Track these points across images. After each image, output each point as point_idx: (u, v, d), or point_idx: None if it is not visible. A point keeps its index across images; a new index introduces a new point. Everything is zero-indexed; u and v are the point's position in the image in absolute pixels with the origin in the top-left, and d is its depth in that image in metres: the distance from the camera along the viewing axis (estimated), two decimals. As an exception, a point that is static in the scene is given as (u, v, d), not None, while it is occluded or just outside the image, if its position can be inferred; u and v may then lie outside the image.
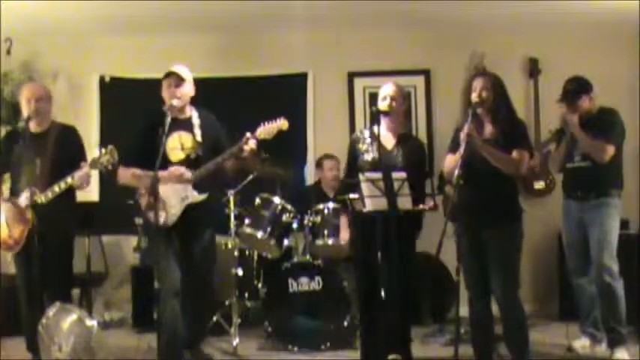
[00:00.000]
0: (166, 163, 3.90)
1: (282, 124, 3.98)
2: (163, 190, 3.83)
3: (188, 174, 3.94)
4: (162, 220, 3.84)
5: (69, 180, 3.99)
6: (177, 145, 4.00)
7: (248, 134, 3.94)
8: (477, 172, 3.62)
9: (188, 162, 4.00)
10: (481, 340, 3.84)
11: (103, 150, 3.94)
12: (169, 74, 4.04)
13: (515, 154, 3.67)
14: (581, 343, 4.46)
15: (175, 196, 3.94)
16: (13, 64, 5.78)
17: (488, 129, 3.76)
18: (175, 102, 3.96)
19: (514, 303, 3.71)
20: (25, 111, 4.19)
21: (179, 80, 4.02)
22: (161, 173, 3.81)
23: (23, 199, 4.07)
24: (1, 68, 5.66)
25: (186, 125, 4.05)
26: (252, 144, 3.93)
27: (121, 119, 5.90)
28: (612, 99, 4.54)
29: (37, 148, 4.15)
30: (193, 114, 4.11)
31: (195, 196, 3.96)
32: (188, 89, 4.08)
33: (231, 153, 3.94)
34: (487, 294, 3.78)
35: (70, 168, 4.04)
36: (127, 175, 3.97)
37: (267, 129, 3.97)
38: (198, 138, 4.03)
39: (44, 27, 5.65)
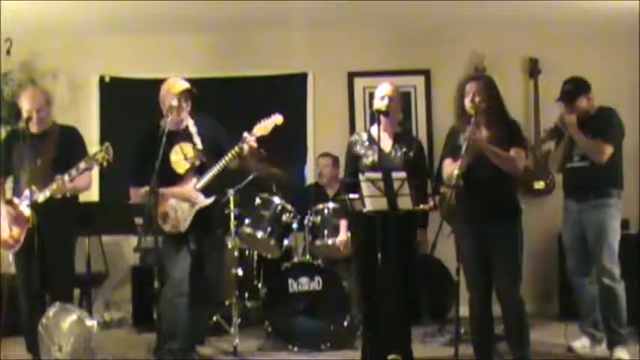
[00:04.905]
0: (174, 175, 4.03)
1: (276, 118, 4.09)
2: (174, 198, 4.04)
3: (199, 198, 4.03)
4: (176, 228, 4.01)
5: (65, 177, 3.96)
6: (181, 156, 4.08)
7: (246, 133, 4.02)
8: (480, 172, 3.63)
9: (193, 170, 4.08)
10: (482, 339, 3.84)
11: (98, 147, 3.95)
12: (186, 90, 4.08)
13: (512, 152, 3.68)
14: (581, 343, 4.45)
15: (186, 202, 4.05)
16: (13, 64, 5.77)
17: (484, 132, 3.76)
18: (183, 114, 4.08)
19: (516, 301, 3.72)
20: (25, 113, 4.19)
21: (192, 94, 4.11)
22: (173, 190, 4.02)
23: (23, 199, 4.08)
24: (1, 68, 5.66)
25: (184, 136, 4.12)
26: (251, 142, 4.00)
27: (121, 119, 5.91)
28: (612, 99, 4.54)
29: (37, 149, 4.16)
30: (189, 122, 4.16)
31: (204, 201, 4.06)
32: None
33: (232, 154, 4.01)
34: (488, 293, 3.78)
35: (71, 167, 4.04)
36: (139, 194, 4.04)
37: (263, 125, 4.07)
38: (199, 146, 4.10)
39: (44, 27, 5.66)
